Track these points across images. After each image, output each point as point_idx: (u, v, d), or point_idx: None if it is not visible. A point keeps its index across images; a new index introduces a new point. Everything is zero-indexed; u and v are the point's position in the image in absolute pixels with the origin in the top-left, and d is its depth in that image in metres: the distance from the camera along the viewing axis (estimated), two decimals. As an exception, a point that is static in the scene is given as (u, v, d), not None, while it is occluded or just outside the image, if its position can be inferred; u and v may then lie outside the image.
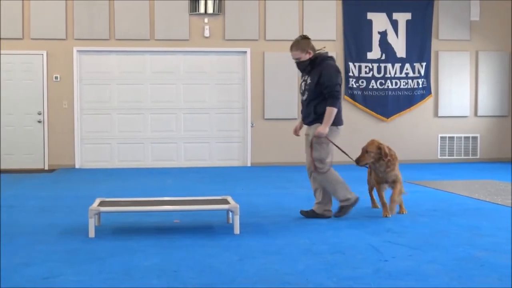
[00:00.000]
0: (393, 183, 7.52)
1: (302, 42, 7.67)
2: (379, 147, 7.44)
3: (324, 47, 7.88)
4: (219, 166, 14.83)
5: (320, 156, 7.59)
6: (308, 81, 7.63)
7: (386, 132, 15.18)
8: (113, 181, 12.07)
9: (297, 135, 8.21)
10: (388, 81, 15.17)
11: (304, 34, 8.06)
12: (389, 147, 7.62)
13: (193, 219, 7.31)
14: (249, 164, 14.92)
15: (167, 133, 14.85)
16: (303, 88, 7.74)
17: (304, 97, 7.68)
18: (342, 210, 7.49)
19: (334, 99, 7.36)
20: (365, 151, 7.49)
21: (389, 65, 15.16)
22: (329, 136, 7.52)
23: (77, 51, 14.38)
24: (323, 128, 7.34)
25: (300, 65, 7.81)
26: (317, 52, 7.68)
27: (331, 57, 7.77)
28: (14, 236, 6.45)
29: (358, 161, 7.52)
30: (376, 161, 7.51)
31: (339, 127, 7.74)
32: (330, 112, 7.34)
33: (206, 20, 14.67)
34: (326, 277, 4.67)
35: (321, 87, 7.41)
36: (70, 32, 14.40)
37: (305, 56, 7.60)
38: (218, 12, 14.58)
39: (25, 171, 14.00)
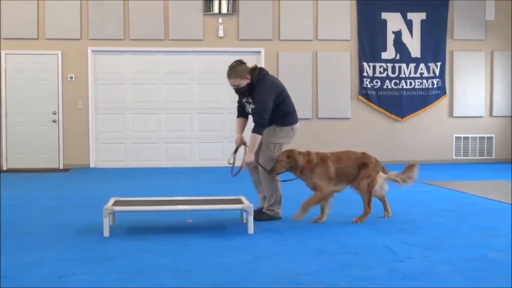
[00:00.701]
0: (314, 189, 7.25)
1: (239, 69, 7.51)
2: (289, 156, 7.13)
3: (255, 64, 7.99)
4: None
5: (271, 155, 7.56)
6: (252, 104, 7.70)
7: (400, 132, 15.16)
8: (127, 180, 12.12)
9: (243, 143, 7.99)
10: (403, 81, 15.12)
11: (240, 59, 7.76)
12: (318, 153, 7.36)
13: (207, 219, 7.33)
14: (263, 164, 14.89)
15: (181, 133, 14.88)
16: (250, 111, 7.82)
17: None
18: (261, 215, 7.42)
19: (260, 126, 7.47)
20: (277, 160, 7.19)
21: (403, 65, 15.12)
22: (284, 137, 7.72)
23: (92, 51, 14.44)
24: (249, 156, 7.45)
25: (239, 91, 7.75)
26: (252, 72, 7.61)
27: (264, 73, 7.72)
28: (28, 235, 6.49)
29: (269, 171, 7.17)
30: (291, 170, 7.22)
31: (293, 127, 7.83)
32: (254, 139, 7.46)
33: (220, 20, 14.69)
34: (339, 277, 4.67)
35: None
36: (84, 32, 14.47)
37: (244, 82, 7.51)
38: (232, 12, 14.60)
39: (40, 170, 14.07)
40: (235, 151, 7.89)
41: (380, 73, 15.07)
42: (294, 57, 14.86)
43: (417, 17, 15.13)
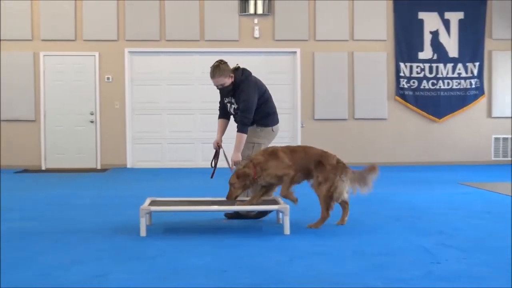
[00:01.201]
0: (278, 181, 6.98)
1: (223, 68, 7.59)
2: (238, 175, 6.88)
3: (237, 64, 8.01)
4: (268, 166, 14.84)
5: (250, 155, 7.66)
6: (235, 104, 7.75)
7: (438, 132, 15.04)
8: (163, 180, 12.19)
9: (220, 146, 8.11)
10: (440, 81, 15.00)
11: (221, 59, 7.87)
12: (265, 149, 7.28)
13: (243, 219, 7.36)
14: (298, 165, 14.88)
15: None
16: (232, 111, 7.86)
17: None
18: (236, 216, 7.46)
19: (244, 126, 7.53)
20: (230, 184, 6.93)
21: (441, 65, 15.00)
22: (264, 137, 7.84)
23: (128, 52, 14.56)
24: (236, 155, 7.56)
25: (224, 90, 7.79)
26: (235, 72, 7.73)
27: (247, 73, 7.85)
28: (66, 234, 6.55)
29: (227, 197, 6.89)
30: (248, 186, 6.97)
31: (274, 128, 7.90)
32: (240, 139, 7.56)
33: (256, 20, 14.71)
34: (375, 278, 4.64)
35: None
36: (121, 33, 14.60)
37: (228, 81, 7.59)
38: (268, 12, 14.61)
39: (78, 170, 14.22)
40: (215, 156, 7.94)
41: (417, 73, 14.97)
42: (330, 57, 14.83)
43: (454, 17, 15.00)
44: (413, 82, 14.96)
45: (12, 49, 14.50)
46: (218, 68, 7.57)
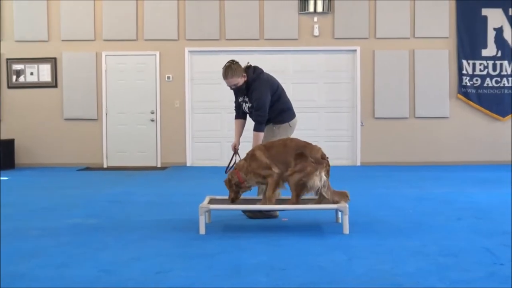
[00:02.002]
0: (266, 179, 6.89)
1: (235, 68, 7.54)
2: (229, 181, 6.92)
3: (248, 62, 7.98)
4: (328, 165, 14.81)
5: None
6: (249, 103, 7.77)
7: (501, 131, 14.79)
8: (223, 179, 12.23)
9: (236, 150, 8.20)
10: (504, 78, 14.75)
11: (233, 59, 7.79)
12: (247, 153, 7.14)
13: (302, 218, 7.34)
14: (358, 164, 14.84)
15: (276, 132, 14.95)
16: (247, 110, 7.90)
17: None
18: (257, 214, 7.44)
19: (260, 124, 7.65)
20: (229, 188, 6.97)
21: (505, 62, 14.74)
22: (283, 134, 7.74)
23: (189, 51, 14.69)
24: None
25: (237, 90, 7.78)
26: (247, 71, 7.69)
27: (259, 71, 7.79)
28: (126, 231, 6.66)
29: (232, 200, 6.90)
30: (241, 189, 6.94)
31: (290, 123, 7.91)
32: (257, 137, 7.67)
33: (315, 19, 14.68)
34: (437, 279, 4.60)
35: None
36: (182, 33, 14.74)
37: (241, 80, 7.56)
38: (328, 10, 14.57)
39: (139, 168, 14.43)
40: (232, 159, 7.98)
41: (480, 70, 14.74)
42: (391, 55, 14.71)
43: (520, 13, 14.75)
44: (476, 80, 14.74)
45: (74, 49, 14.78)
46: (230, 68, 7.55)
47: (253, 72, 7.70)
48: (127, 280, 4.64)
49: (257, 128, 7.67)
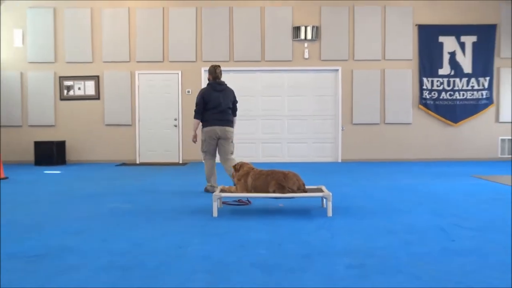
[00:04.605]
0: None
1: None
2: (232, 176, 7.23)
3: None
4: (315, 161, 14.82)
5: (231, 149, 8.82)
6: (224, 96, 8.56)
7: (454, 134, 14.80)
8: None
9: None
10: (456, 92, 14.74)
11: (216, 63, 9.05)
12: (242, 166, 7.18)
13: (294, 204, 7.33)
14: (340, 160, 14.83)
15: (274, 135, 14.96)
16: (223, 103, 8.59)
17: (222, 108, 8.52)
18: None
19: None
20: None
21: (457, 80, 14.73)
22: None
23: (204, 70, 14.66)
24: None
25: (220, 85, 8.62)
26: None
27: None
28: (154, 213, 6.68)
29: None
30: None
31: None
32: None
33: (306, 44, 14.68)
34: (402, 252, 4.61)
35: (234, 104, 8.73)
36: (199, 56, 14.74)
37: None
38: (316, 38, 14.56)
39: (164, 164, 14.43)
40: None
41: (437, 86, 14.73)
42: (366, 74, 14.70)
43: (469, 40, 14.70)
44: (434, 94, 14.73)
45: (113, 69, 14.80)
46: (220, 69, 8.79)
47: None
48: (154, 251, 4.65)
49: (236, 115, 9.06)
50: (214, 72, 8.62)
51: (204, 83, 14.72)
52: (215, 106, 8.46)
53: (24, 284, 3.76)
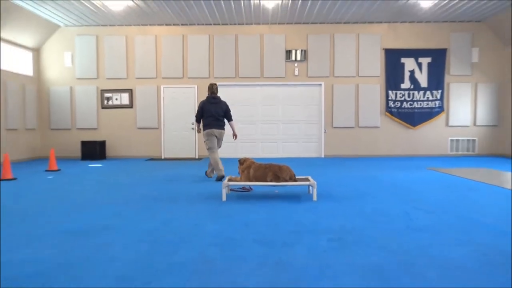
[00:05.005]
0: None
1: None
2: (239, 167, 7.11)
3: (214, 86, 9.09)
4: (303, 157, 14.81)
5: (221, 145, 9.02)
6: (217, 108, 8.74)
7: (413, 135, 14.77)
8: (236, 166, 12.20)
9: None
10: (415, 102, 14.71)
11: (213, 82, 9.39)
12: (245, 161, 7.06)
13: (287, 191, 7.34)
14: (323, 156, 14.81)
15: (271, 136, 14.94)
16: (215, 113, 8.74)
17: (216, 116, 8.74)
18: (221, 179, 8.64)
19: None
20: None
21: (415, 92, 14.70)
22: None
23: (216, 85, 14.69)
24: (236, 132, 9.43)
25: (215, 99, 8.83)
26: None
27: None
28: (175, 199, 6.66)
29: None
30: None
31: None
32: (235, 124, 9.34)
33: (296, 64, 14.65)
34: (373, 229, 4.61)
35: (225, 112, 8.82)
36: (211, 73, 14.72)
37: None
38: (304, 59, 14.54)
39: (183, 159, 14.40)
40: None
41: (400, 97, 14.71)
42: (343, 88, 14.68)
43: (425, 61, 14.67)
44: (397, 103, 14.71)
45: (143, 84, 14.79)
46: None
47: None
48: (177, 228, 4.66)
49: (232, 119, 9.26)
50: (211, 89, 8.91)
51: (215, 95, 14.74)
52: (210, 115, 8.71)
53: (72, 253, 3.76)
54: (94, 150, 14.23)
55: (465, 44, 14.68)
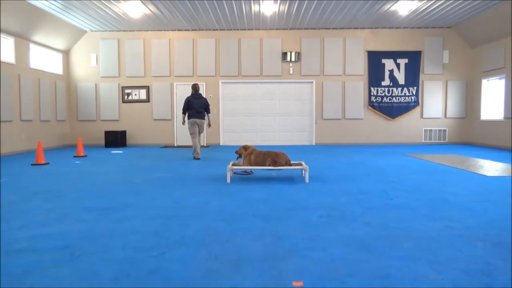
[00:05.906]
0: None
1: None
2: (239, 154, 7.04)
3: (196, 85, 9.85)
4: (297, 144, 14.79)
5: (202, 131, 9.82)
6: (199, 102, 9.60)
7: (392, 126, 14.73)
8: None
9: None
10: (394, 97, 14.66)
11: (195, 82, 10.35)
12: (246, 147, 6.97)
13: (283, 174, 7.33)
14: (314, 144, 14.80)
15: (269, 126, 14.91)
16: (197, 106, 9.58)
17: (198, 110, 9.59)
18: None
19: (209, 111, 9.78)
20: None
21: (394, 89, 14.64)
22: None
23: (221, 82, 14.63)
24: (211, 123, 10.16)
25: (198, 95, 9.62)
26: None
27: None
28: (187, 180, 6.64)
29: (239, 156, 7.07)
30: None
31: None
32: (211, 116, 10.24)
33: (290, 64, 14.58)
34: (357, 206, 4.60)
35: (205, 106, 9.68)
36: (217, 72, 14.65)
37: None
38: (297, 60, 14.46)
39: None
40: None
41: (381, 93, 14.65)
42: (332, 85, 14.62)
43: (402, 61, 14.59)
44: (378, 98, 14.65)
45: (159, 81, 14.73)
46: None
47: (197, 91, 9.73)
48: (188, 206, 4.65)
49: (209, 111, 9.95)
50: (195, 88, 9.80)
51: (220, 91, 14.70)
52: (193, 108, 9.56)
53: (97, 227, 3.76)
54: (116, 139, 14.21)
55: (437, 47, 14.58)
